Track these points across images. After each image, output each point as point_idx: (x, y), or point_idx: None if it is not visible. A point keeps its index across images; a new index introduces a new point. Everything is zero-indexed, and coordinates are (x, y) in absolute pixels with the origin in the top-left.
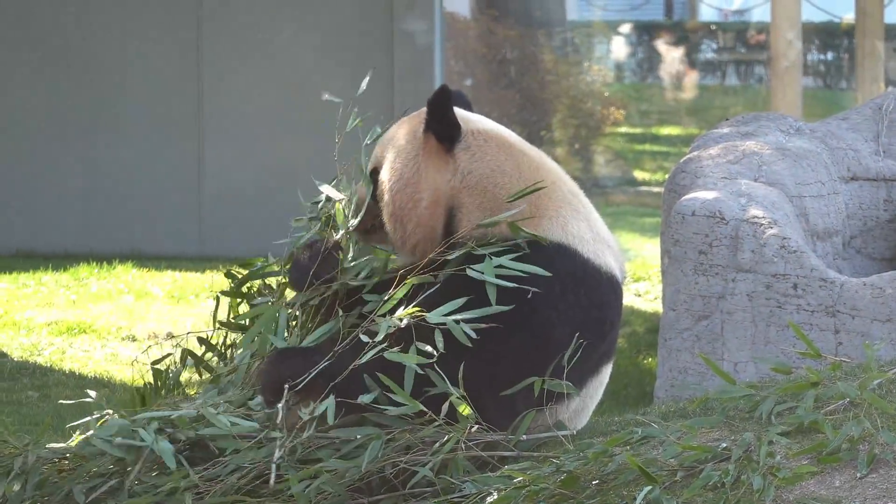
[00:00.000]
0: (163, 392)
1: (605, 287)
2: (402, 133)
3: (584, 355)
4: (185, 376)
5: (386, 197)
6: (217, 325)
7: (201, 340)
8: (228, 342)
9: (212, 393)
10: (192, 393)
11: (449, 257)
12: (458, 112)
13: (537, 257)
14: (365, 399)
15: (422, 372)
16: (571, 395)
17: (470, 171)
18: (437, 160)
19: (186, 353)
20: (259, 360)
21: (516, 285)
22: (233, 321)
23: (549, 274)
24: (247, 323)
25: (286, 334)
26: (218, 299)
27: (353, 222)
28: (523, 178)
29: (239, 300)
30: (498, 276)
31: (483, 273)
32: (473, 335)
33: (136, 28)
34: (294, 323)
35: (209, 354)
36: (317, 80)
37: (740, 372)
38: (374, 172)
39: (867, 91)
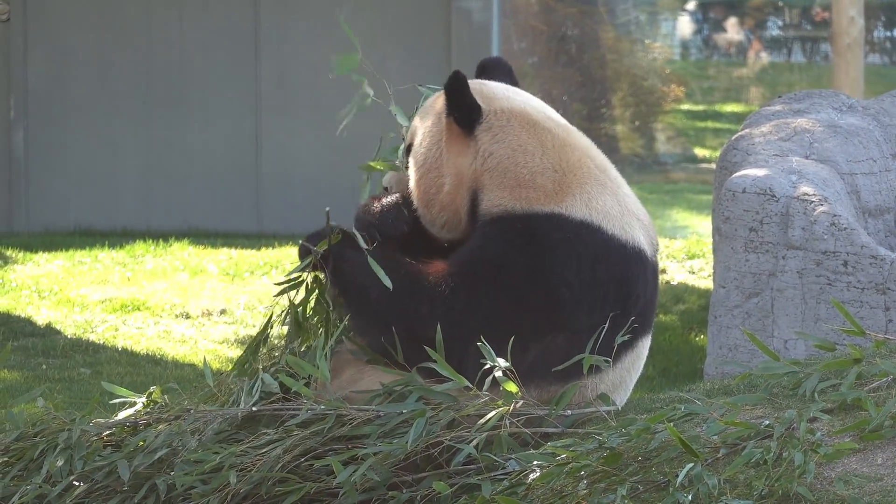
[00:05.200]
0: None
1: (632, 262)
2: (431, 114)
3: (610, 329)
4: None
5: (412, 182)
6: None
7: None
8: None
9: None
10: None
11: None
12: (485, 90)
13: (558, 234)
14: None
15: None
16: (604, 368)
17: (491, 153)
18: (459, 144)
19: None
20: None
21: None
22: None
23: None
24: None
25: None
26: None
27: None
28: (547, 155)
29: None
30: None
31: None
32: None
33: (195, 7)
34: None
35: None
36: (374, 59)
37: (790, 349)
38: (409, 148)
39: None
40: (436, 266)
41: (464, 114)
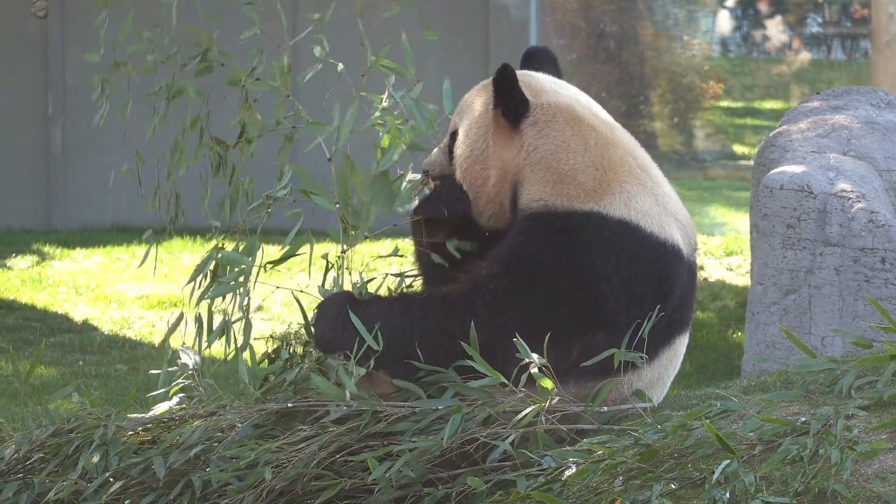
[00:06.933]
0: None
1: (669, 260)
2: (478, 105)
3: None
4: None
5: (458, 173)
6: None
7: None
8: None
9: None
10: None
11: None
12: (533, 83)
13: (596, 232)
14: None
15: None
16: (641, 365)
17: (535, 148)
18: (505, 137)
19: None
20: None
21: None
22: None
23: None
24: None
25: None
26: None
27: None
28: (589, 153)
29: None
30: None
31: None
32: None
33: (229, 4)
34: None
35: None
36: (412, 56)
37: (827, 346)
38: (454, 136)
39: None
40: (471, 272)
41: (511, 107)
